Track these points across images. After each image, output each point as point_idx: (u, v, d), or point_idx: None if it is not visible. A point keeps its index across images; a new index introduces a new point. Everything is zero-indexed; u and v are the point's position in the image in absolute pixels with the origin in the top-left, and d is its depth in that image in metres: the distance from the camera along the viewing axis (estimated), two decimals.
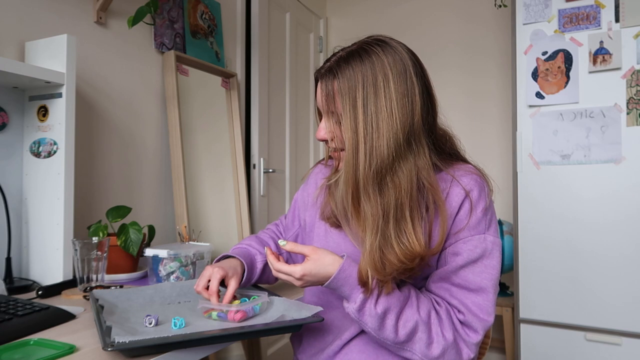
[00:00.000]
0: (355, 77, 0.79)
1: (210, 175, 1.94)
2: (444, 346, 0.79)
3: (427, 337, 0.79)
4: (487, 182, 0.88)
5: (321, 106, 0.86)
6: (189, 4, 1.89)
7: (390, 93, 0.78)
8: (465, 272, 0.82)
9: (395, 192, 0.78)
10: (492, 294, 0.82)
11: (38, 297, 1.07)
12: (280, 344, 2.34)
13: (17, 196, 1.26)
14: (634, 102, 1.75)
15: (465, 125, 2.59)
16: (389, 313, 0.79)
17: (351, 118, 0.78)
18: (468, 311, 0.81)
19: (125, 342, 0.68)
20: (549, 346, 1.88)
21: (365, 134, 0.77)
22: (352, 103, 0.78)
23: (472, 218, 0.83)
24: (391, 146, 0.77)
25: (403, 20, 2.78)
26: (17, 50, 1.28)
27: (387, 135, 0.77)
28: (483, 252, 0.82)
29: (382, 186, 0.78)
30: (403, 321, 0.79)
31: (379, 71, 0.79)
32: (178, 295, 1.00)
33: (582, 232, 1.83)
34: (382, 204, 0.78)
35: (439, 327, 0.80)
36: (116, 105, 1.60)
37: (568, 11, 1.86)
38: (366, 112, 0.77)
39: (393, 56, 0.80)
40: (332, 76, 0.81)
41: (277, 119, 2.44)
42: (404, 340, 0.79)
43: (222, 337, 0.77)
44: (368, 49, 0.81)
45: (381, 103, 0.77)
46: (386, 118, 0.77)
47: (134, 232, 1.31)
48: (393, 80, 0.78)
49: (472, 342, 0.81)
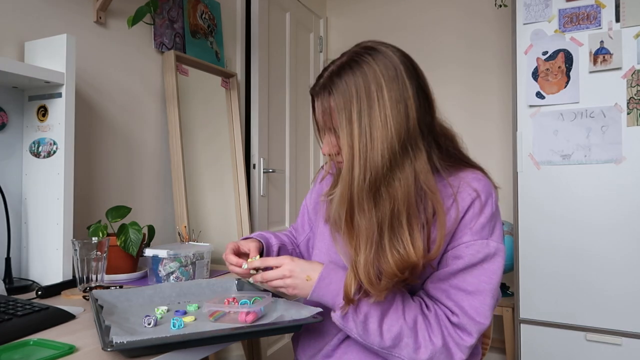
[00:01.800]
0: (349, 90, 0.79)
1: (210, 175, 1.94)
2: (432, 351, 0.79)
3: (413, 343, 0.79)
4: (494, 189, 0.87)
5: (320, 123, 0.86)
6: (189, 4, 1.89)
7: (384, 101, 0.77)
8: (464, 274, 0.81)
9: (391, 202, 0.77)
10: (490, 298, 0.81)
11: (38, 297, 1.07)
12: (280, 344, 2.34)
13: (17, 196, 1.26)
14: (634, 102, 1.75)
15: (466, 125, 2.58)
16: (370, 317, 0.80)
17: (347, 133, 0.78)
18: (463, 313, 0.80)
19: (123, 343, 0.68)
20: (549, 346, 1.88)
21: (360, 147, 0.77)
22: (348, 118, 0.78)
23: (477, 223, 0.82)
24: (385, 156, 0.76)
25: (403, 20, 2.78)
26: (16, 50, 1.27)
27: (382, 145, 0.76)
28: (485, 257, 0.81)
29: (377, 198, 0.77)
30: (387, 325, 0.80)
31: (372, 80, 0.78)
32: (178, 296, 1.00)
33: (582, 232, 1.83)
34: (377, 216, 0.77)
35: (426, 332, 0.80)
36: (116, 105, 1.60)
37: (568, 11, 1.86)
38: (361, 125, 0.77)
39: (384, 62, 0.80)
40: (327, 93, 0.82)
41: (277, 119, 2.44)
42: (390, 345, 0.80)
43: (221, 337, 0.77)
44: (358, 60, 0.81)
45: (375, 114, 0.77)
46: (380, 128, 0.77)
47: (133, 232, 1.31)
48: (386, 87, 0.78)
49: (465, 345, 0.80)
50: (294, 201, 2.54)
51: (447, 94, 2.60)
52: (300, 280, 0.85)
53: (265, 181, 2.28)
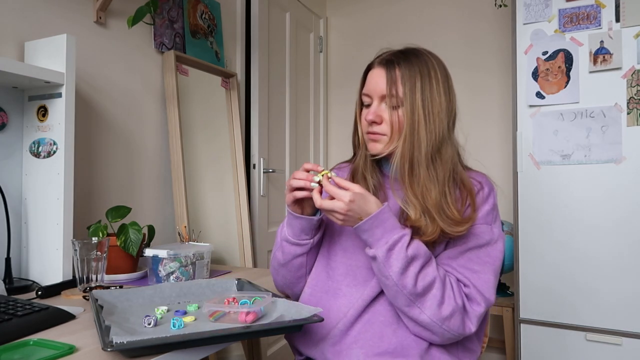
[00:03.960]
0: (414, 68, 0.90)
1: (210, 175, 1.94)
2: (454, 308, 0.85)
3: (440, 296, 0.85)
4: (494, 185, 0.98)
5: (378, 91, 0.93)
6: (189, 4, 1.89)
7: (439, 87, 0.91)
8: (470, 254, 0.90)
9: (443, 169, 0.89)
10: (493, 277, 0.90)
11: (38, 297, 1.07)
12: (280, 344, 2.34)
13: (17, 196, 1.26)
14: (634, 102, 1.75)
15: (466, 125, 2.56)
16: (416, 260, 0.85)
17: (411, 102, 0.89)
18: (472, 285, 0.88)
19: (123, 343, 0.67)
20: (549, 346, 1.88)
21: (425, 115, 0.88)
22: (412, 89, 0.89)
23: (482, 208, 0.92)
24: (442, 130, 0.89)
25: (403, 20, 2.78)
26: (16, 50, 1.27)
27: (439, 121, 0.89)
28: (489, 240, 0.91)
29: (435, 161, 0.89)
30: (424, 274, 0.85)
31: (431, 68, 0.91)
32: (178, 296, 1.00)
33: (582, 232, 1.83)
34: (437, 176, 0.88)
35: (451, 291, 0.87)
36: (116, 105, 1.60)
37: (568, 11, 1.86)
38: (423, 98, 0.89)
39: (438, 61, 0.94)
40: (395, 64, 0.91)
41: (277, 119, 2.44)
42: (419, 292, 0.84)
43: (221, 337, 0.77)
44: (417, 51, 0.94)
45: (434, 93, 0.90)
46: (437, 105, 0.89)
47: (133, 232, 1.31)
48: (441, 78, 0.92)
49: (475, 314, 0.88)
50: None
51: None
52: (359, 208, 0.85)
53: (265, 181, 2.28)
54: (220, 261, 1.89)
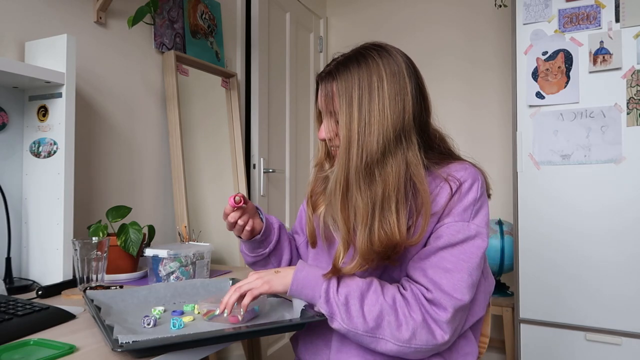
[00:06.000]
0: (352, 79, 0.85)
1: (210, 175, 1.94)
2: (413, 327, 0.81)
3: (395, 321, 0.81)
4: (482, 175, 0.91)
5: (321, 107, 0.92)
6: (189, 4, 1.89)
7: (383, 93, 0.84)
8: (443, 253, 0.84)
9: (383, 186, 0.82)
10: (468, 276, 0.83)
11: (38, 297, 1.07)
12: (280, 344, 2.34)
13: (17, 196, 1.26)
14: (634, 102, 1.75)
15: (465, 124, 2.59)
16: (351, 298, 0.82)
17: (347, 115, 0.84)
18: (437, 289, 0.82)
19: (129, 343, 0.67)
20: (549, 346, 1.88)
21: (359, 130, 0.83)
22: (349, 102, 0.85)
23: (458, 206, 0.86)
24: (380, 142, 0.82)
25: (403, 20, 2.78)
26: (17, 50, 1.28)
27: (378, 132, 0.83)
28: (465, 238, 0.84)
29: (371, 179, 0.83)
30: (368, 306, 0.82)
31: (374, 72, 0.85)
32: (172, 296, 1.00)
33: (582, 232, 1.83)
34: (370, 196, 0.83)
35: (405, 309, 0.82)
36: (116, 105, 1.60)
37: (568, 11, 1.86)
38: (360, 111, 0.84)
39: (387, 59, 0.87)
40: (332, 78, 0.88)
41: (277, 119, 2.44)
42: (373, 326, 0.81)
43: (224, 336, 0.77)
44: (365, 53, 0.88)
45: (374, 102, 0.84)
46: (377, 116, 0.83)
47: (133, 232, 1.31)
48: (387, 80, 0.85)
49: (443, 321, 0.81)
50: (294, 201, 2.54)
51: (447, 93, 2.60)
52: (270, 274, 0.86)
53: (265, 181, 2.28)
54: (220, 261, 1.89)
